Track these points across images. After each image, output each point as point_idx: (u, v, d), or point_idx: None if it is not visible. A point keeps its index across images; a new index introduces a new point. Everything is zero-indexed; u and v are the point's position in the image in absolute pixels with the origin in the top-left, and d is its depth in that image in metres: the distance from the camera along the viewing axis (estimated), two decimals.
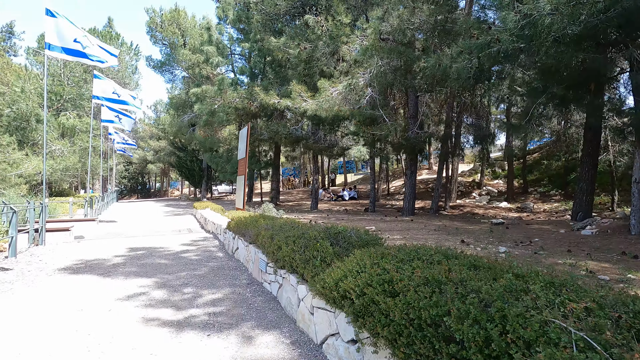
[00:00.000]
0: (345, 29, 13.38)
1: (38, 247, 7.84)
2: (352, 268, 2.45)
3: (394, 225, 10.81)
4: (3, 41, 41.49)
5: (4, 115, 16.64)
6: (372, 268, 2.26)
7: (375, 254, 2.49)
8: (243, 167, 12.00)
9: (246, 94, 17.39)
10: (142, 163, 50.54)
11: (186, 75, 30.08)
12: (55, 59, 21.71)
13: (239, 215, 8.94)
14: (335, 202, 22.86)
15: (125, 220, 14.48)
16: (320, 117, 13.59)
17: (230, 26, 21.86)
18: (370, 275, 2.18)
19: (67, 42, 8.22)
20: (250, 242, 5.56)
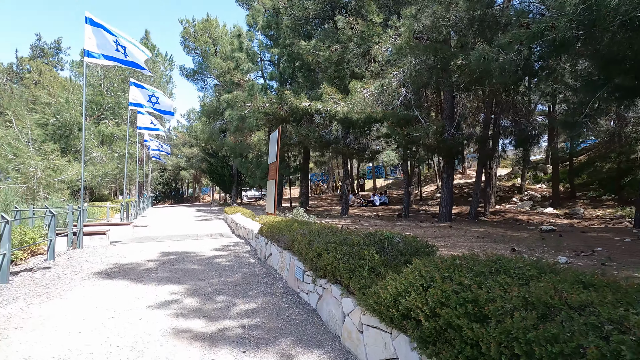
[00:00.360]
0: (377, 29, 12.99)
1: (76, 250, 7.95)
2: (415, 282, 2.04)
3: (432, 232, 10.18)
4: (51, 56, 44.51)
5: (49, 124, 17.56)
6: (445, 283, 1.84)
7: (443, 265, 2.06)
8: (274, 171, 11.81)
9: (276, 99, 17.35)
10: (175, 170, 52.23)
11: (217, 82, 30.77)
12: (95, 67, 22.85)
13: (271, 220, 8.69)
14: (366, 208, 22.30)
15: (159, 224, 14.71)
16: (352, 119, 13.22)
17: (260, 33, 22.06)
18: (443, 292, 1.76)
19: (105, 48, 8.38)
20: (284, 248, 5.24)
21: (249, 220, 11.51)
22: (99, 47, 8.32)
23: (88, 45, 8.17)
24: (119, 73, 23.68)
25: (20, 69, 37.43)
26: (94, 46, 8.26)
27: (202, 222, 15.59)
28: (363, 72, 13.48)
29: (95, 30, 8.24)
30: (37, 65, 33.62)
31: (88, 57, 8.20)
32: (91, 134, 19.60)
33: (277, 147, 11.49)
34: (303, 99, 12.89)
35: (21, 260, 6.61)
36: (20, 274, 5.60)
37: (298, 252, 4.41)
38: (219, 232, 12.05)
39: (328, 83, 13.33)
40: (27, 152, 13.52)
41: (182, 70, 30.00)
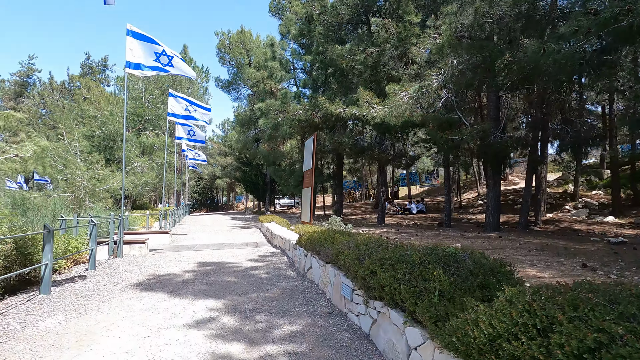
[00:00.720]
0: (415, 29, 12.45)
1: (116, 259, 7.99)
2: (522, 319, 1.54)
3: (481, 243, 9.37)
4: (99, 73, 47.58)
5: (95, 137, 18.47)
6: (576, 327, 1.33)
7: (567, 300, 1.55)
8: (309, 179, 11.50)
9: (309, 106, 17.17)
10: (211, 178, 53.73)
11: (250, 92, 31.32)
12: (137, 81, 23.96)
13: (308, 230, 8.33)
14: (402, 216, 21.45)
15: (195, 232, 14.83)
16: (388, 124, 12.69)
17: (292, 41, 22.15)
18: (579, 341, 1.26)
19: (146, 58, 8.50)
20: (327, 261, 4.83)
21: (285, 230, 11.24)
22: (140, 57, 8.45)
23: (129, 57, 8.32)
24: (158, 85, 24.67)
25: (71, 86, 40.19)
26: (135, 57, 8.40)
27: (237, 231, 15.56)
28: (400, 74, 12.94)
29: (137, 41, 8.37)
30: (86, 82, 35.97)
31: (129, 68, 8.34)
32: (133, 144, 20.40)
33: (313, 154, 11.19)
34: (338, 105, 12.55)
35: (65, 269, 6.67)
36: (62, 284, 5.58)
37: (345, 267, 3.98)
38: (254, 241, 11.87)
39: (364, 87, 12.91)
40: (75, 163, 14.17)
41: (217, 81, 30.84)
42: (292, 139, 23.22)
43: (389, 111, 11.68)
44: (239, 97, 31.84)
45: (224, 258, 8.18)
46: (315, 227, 9.47)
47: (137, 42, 8.41)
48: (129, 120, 22.48)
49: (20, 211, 10.78)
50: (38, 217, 10.78)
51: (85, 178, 14.74)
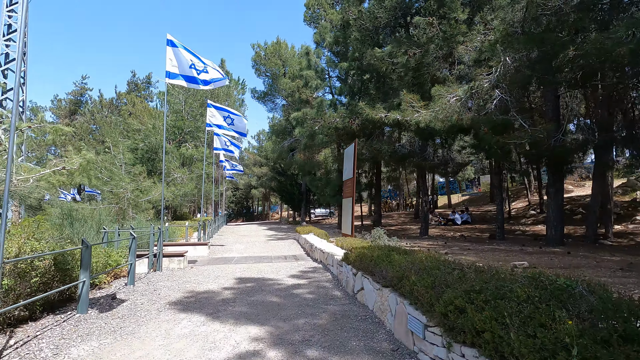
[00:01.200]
0: (461, 27, 11.61)
1: (155, 272, 7.79)
2: None
3: (548, 261, 8.23)
4: (143, 90, 50.26)
5: (138, 149, 19.09)
6: None
7: None
8: (350, 188, 10.89)
9: (346, 113, 16.65)
10: (246, 188, 54.63)
11: (285, 103, 31.45)
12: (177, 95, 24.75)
13: (354, 245, 7.70)
14: (446, 227, 20.16)
15: (233, 244, 14.65)
16: (433, 129, 11.84)
17: (327, 49, 21.88)
18: None
19: (184, 69, 8.40)
20: (385, 285, 4.17)
21: (325, 242, 10.67)
22: (179, 68, 8.35)
23: (169, 67, 8.24)
24: (197, 98, 25.34)
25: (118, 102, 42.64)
26: (174, 67, 8.31)
27: (275, 242, 15.20)
28: (445, 76, 12.10)
29: (176, 51, 8.29)
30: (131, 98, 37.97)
31: (169, 78, 8.25)
32: (173, 156, 20.90)
33: (353, 162, 10.60)
34: (379, 110, 11.90)
35: (105, 283, 6.50)
36: (100, 301, 5.34)
37: (411, 295, 3.31)
38: (292, 254, 11.39)
39: (407, 91, 12.19)
40: (119, 175, 14.54)
41: (253, 93, 31.28)
42: (327, 147, 22.79)
43: (435, 115, 10.87)
44: (274, 108, 32.10)
45: (263, 273, 7.73)
46: (360, 240, 8.81)
47: (176, 52, 8.33)
48: (169, 133, 23.17)
49: (67, 222, 11.05)
50: (84, 229, 10.99)
51: (129, 189, 15.08)
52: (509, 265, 7.52)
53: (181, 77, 8.32)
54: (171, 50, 8.27)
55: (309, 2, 24.58)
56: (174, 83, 8.31)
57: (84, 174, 9.27)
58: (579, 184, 25.98)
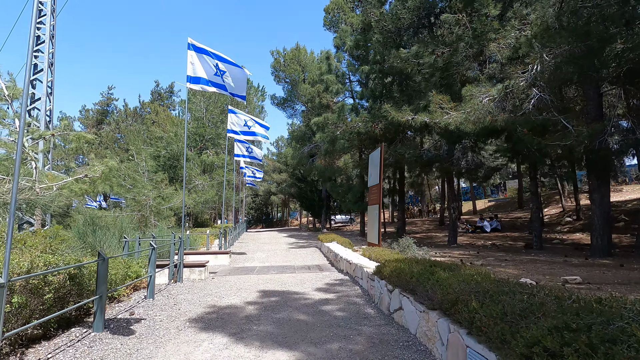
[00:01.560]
0: (493, 23, 10.96)
1: (176, 284, 7.49)
2: None
3: (601, 275, 7.41)
4: (166, 99, 51.41)
5: (161, 156, 19.23)
6: None
7: None
8: (376, 195, 10.36)
9: (369, 117, 16.16)
10: (266, 195, 54.74)
11: (305, 108, 31.28)
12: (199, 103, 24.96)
13: (384, 256, 7.16)
14: (474, 235, 19.20)
15: (254, 252, 14.32)
16: (463, 132, 11.21)
17: (348, 54, 21.53)
18: None
19: (207, 73, 8.16)
20: (431, 307, 3.64)
21: (350, 252, 10.14)
22: (200, 71, 8.13)
23: (190, 71, 8.02)
24: (218, 105, 25.49)
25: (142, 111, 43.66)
26: (195, 71, 8.09)
27: (296, 250, 14.77)
28: (476, 75, 11.45)
29: (198, 55, 8.07)
30: (154, 107, 38.80)
31: (190, 82, 8.03)
32: (194, 163, 20.95)
33: (380, 167, 10.08)
34: (406, 112, 11.36)
35: (124, 296, 6.22)
36: (117, 318, 5.03)
37: (471, 324, 2.78)
38: (316, 263, 10.92)
39: (436, 91, 11.61)
40: (142, 182, 14.54)
41: (272, 99, 31.27)
42: (349, 153, 22.32)
43: (467, 116, 10.22)
44: (294, 114, 31.96)
45: (287, 285, 7.29)
46: (389, 251, 8.26)
47: (197, 56, 8.11)
48: (191, 140, 23.33)
49: (90, 230, 11.00)
50: (106, 237, 10.90)
51: (151, 197, 15.06)
52: (558, 281, 6.78)
53: (203, 81, 8.08)
54: (193, 55, 8.06)
55: (329, 7, 24.36)
56: (195, 88, 8.08)
57: (106, 182, 9.14)
58: (615, 188, 24.36)
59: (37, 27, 13.81)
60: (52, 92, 14.20)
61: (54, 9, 14.58)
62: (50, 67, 14.25)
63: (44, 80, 13.52)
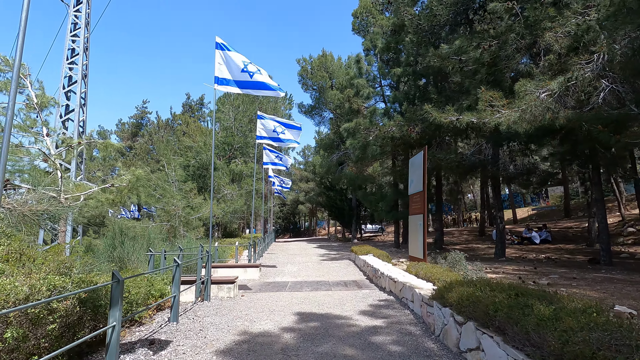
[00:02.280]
0: (549, 10, 9.79)
1: (203, 302, 6.83)
2: None
3: None
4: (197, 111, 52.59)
5: (190, 166, 19.10)
6: None
7: None
8: (419, 203, 9.35)
9: (403, 121, 15.18)
10: (293, 204, 54.43)
11: (332, 116, 30.66)
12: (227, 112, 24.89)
13: (437, 275, 6.18)
14: (522, 247, 17.53)
15: (284, 264, 13.59)
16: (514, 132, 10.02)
17: (379, 56, 20.71)
18: None
19: (234, 73, 7.60)
20: (534, 355, 2.66)
21: (390, 267, 9.15)
22: (230, 73, 7.57)
23: (218, 72, 7.48)
24: (247, 114, 25.35)
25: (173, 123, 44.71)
26: (224, 72, 7.54)
27: (329, 263, 13.89)
28: (529, 69, 10.27)
29: (226, 55, 7.53)
30: (185, 119, 39.56)
31: (218, 84, 7.48)
32: (223, 172, 20.70)
33: (423, 173, 9.09)
34: (449, 112, 10.31)
35: (146, 318, 5.60)
36: (134, 347, 4.36)
37: None
38: (352, 279, 9.99)
39: (486, 88, 10.53)
40: (171, 192, 14.27)
41: (300, 107, 30.91)
42: (380, 160, 21.34)
43: (520, 114, 9.07)
44: (322, 121, 31.42)
45: (326, 306, 6.43)
46: (440, 268, 7.24)
47: (226, 56, 7.56)
48: (219, 149, 23.21)
49: (118, 241, 10.66)
50: (134, 248, 10.51)
51: (180, 206, 14.75)
52: None
53: (232, 82, 7.52)
54: (221, 55, 7.53)
55: (357, 11, 23.76)
56: (224, 90, 7.53)
57: (132, 191, 8.72)
58: None
59: (72, 39, 14.05)
60: (85, 104, 14.33)
61: (88, 22, 14.83)
62: (84, 79, 14.41)
63: (77, 92, 13.65)
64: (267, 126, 12.39)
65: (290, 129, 12.54)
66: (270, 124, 12.42)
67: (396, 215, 18.81)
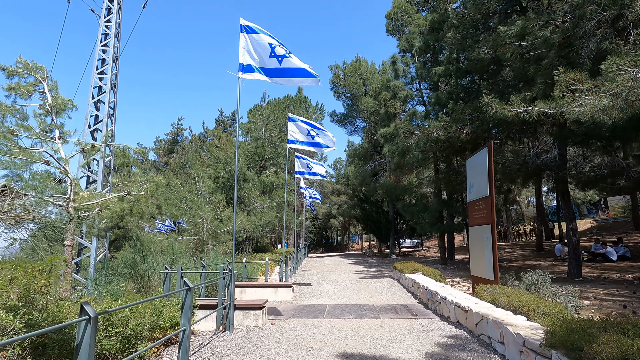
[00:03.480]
0: None
1: (225, 334, 5.56)
2: None
3: None
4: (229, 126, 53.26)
5: (220, 177, 18.40)
6: None
7: None
8: (485, 211, 7.68)
9: (450, 121, 13.54)
10: (325, 218, 53.09)
11: (365, 125, 29.34)
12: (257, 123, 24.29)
13: (528, 304, 4.57)
14: (595, 264, 14.97)
15: (319, 282, 12.17)
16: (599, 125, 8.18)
17: (416, 56, 19.27)
18: None
19: (264, 59, 6.50)
20: None
21: (451, 290, 7.49)
22: (256, 59, 6.48)
23: (243, 58, 6.40)
24: (277, 123, 24.61)
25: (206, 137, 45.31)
26: (250, 59, 6.46)
27: (369, 282, 12.30)
28: (615, 46, 8.43)
29: (252, 38, 6.47)
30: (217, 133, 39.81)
31: (243, 72, 6.40)
32: (253, 184, 19.85)
33: (489, 173, 7.46)
34: (515, 103, 8.63)
35: (153, 355, 4.41)
36: None
37: None
38: (402, 302, 8.39)
39: (545, 78, 8.80)
40: (198, 203, 13.43)
41: (332, 116, 29.87)
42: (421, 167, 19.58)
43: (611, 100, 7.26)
44: (355, 130, 30.14)
45: (378, 344, 4.94)
46: (527, 295, 5.56)
47: (252, 40, 6.49)
48: (250, 160, 22.48)
49: (140, 257, 9.78)
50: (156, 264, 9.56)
51: (208, 219, 13.84)
52: None
53: (259, 70, 6.42)
54: (246, 39, 6.47)
55: (391, 12, 22.58)
56: (249, 78, 6.43)
57: (149, 201, 7.75)
58: None
59: (102, 49, 13.87)
60: (114, 114, 13.98)
61: (118, 32, 14.67)
62: (113, 89, 14.12)
63: (106, 101, 13.34)
64: (299, 129, 11.25)
65: (322, 132, 11.32)
66: (303, 127, 11.27)
67: (442, 227, 16.89)
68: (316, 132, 11.26)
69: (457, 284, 10.59)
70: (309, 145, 11.35)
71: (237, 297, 9.00)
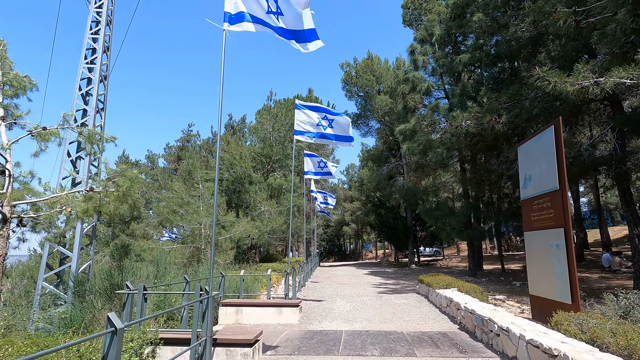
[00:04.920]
0: None
1: None
2: None
3: None
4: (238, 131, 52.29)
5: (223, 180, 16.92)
6: None
7: None
8: (554, 210, 5.80)
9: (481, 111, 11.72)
10: (337, 225, 51.25)
11: (379, 126, 27.61)
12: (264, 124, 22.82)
13: None
14: None
15: (333, 298, 10.39)
16: None
17: (437, 45, 17.54)
18: None
19: (252, 7, 4.89)
20: None
21: (514, 318, 5.62)
22: (246, 5, 4.88)
23: (229, 6, 4.80)
24: (285, 122, 23.08)
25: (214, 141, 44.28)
26: (238, 7, 4.86)
27: (391, 298, 10.44)
28: None
29: None
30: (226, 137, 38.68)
31: (230, 23, 4.80)
32: (260, 187, 18.29)
33: (558, 159, 5.62)
34: (579, 74, 6.80)
35: None
36: None
37: None
38: (438, 328, 6.55)
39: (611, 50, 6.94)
40: (195, 207, 11.87)
41: None
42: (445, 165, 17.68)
43: None
44: (369, 131, 28.40)
45: None
46: None
47: None
48: (256, 162, 20.96)
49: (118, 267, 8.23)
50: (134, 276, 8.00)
51: (206, 224, 12.25)
52: None
53: (248, 16, 4.82)
54: None
55: (407, 1, 20.97)
56: (236, 30, 4.83)
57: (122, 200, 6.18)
58: None
59: (92, 37, 12.60)
60: (104, 108, 12.68)
61: (110, 19, 13.43)
62: (104, 81, 12.83)
63: (94, 94, 12.05)
64: (307, 118, 9.60)
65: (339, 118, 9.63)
66: (312, 116, 9.62)
67: (471, 234, 14.92)
68: (328, 122, 9.58)
69: (501, 303, 8.66)
70: (319, 138, 9.68)
71: (232, 319, 7.31)
